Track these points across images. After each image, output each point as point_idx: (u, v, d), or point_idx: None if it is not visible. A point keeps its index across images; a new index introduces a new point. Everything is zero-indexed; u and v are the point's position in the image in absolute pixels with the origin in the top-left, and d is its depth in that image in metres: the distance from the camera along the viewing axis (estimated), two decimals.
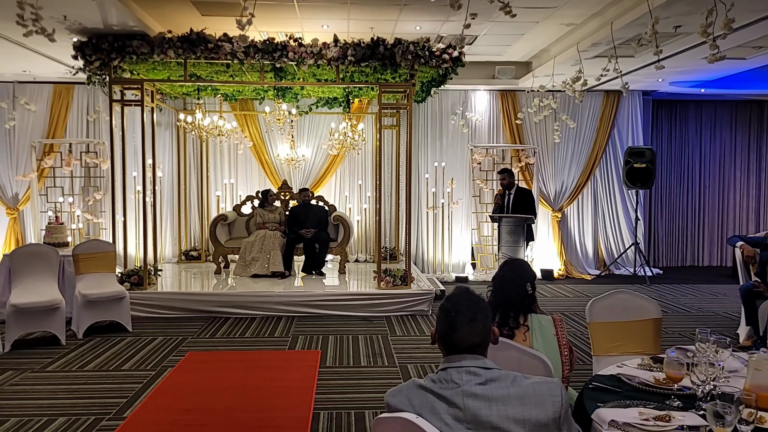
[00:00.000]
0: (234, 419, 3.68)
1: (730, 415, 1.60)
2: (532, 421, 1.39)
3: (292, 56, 6.37)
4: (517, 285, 2.39)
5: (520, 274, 2.40)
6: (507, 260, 2.62)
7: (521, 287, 2.39)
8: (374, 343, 5.48)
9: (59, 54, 6.98)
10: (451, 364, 1.50)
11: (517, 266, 2.46)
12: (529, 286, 2.35)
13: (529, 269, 2.49)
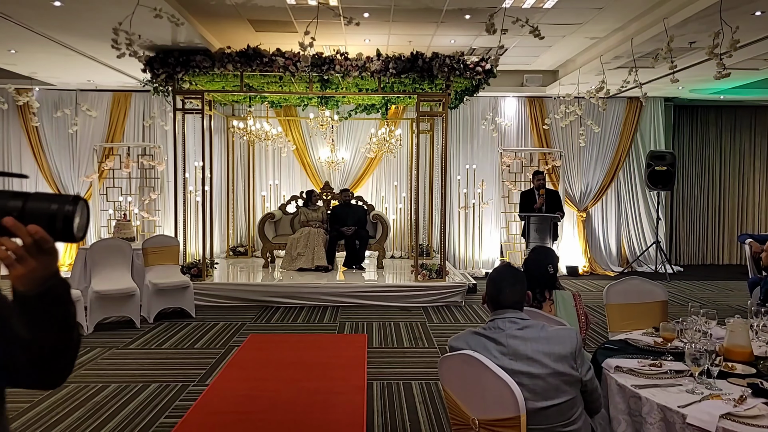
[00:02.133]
0: (301, 387, 4.33)
1: (702, 359, 2.17)
2: (555, 354, 1.99)
3: (339, 69, 7.03)
4: (541, 266, 2.97)
5: (543, 257, 2.99)
6: (534, 247, 3.20)
7: (543, 268, 2.97)
8: (414, 329, 6.10)
9: (125, 66, 7.76)
10: (498, 316, 2.12)
11: (541, 251, 3.05)
12: (550, 268, 2.93)
13: (551, 254, 3.06)
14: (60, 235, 0.92)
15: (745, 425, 1.87)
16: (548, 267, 2.92)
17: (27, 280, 0.96)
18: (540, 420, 1.96)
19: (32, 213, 0.91)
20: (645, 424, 2.12)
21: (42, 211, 0.91)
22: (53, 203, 0.91)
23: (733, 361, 2.43)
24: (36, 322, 1.00)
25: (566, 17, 6.40)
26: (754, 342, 2.68)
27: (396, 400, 4.09)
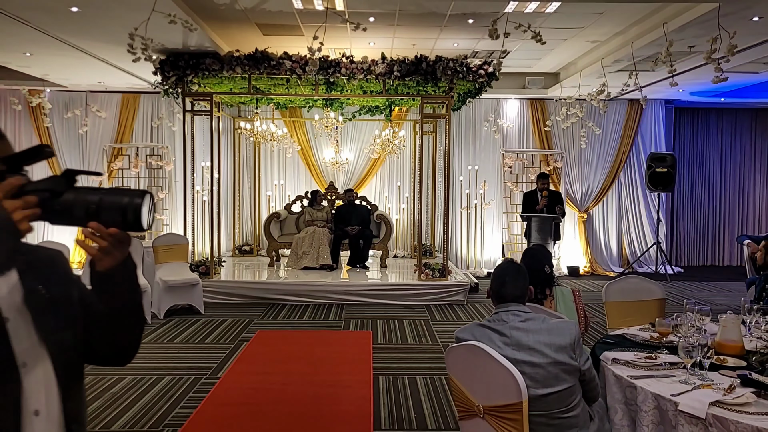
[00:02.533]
0: (309, 380, 4.48)
1: (695, 352, 2.30)
2: (555, 345, 2.12)
3: (344, 72, 7.17)
4: (537, 270, 3.06)
5: (538, 260, 3.09)
6: (526, 249, 3.32)
7: (540, 270, 3.08)
8: (418, 326, 6.24)
9: (136, 69, 7.90)
10: (501, 309, 2.26)
11: (535, 254, 3.15)
12: (547, 268, 3.05)
13: (545, 253, 3.17)
14: (130, 225, 1.06)
15: (733, 412, 2.00)
16: (545, 267, 3.04)
17: (109, 262, 1.13)
18: (541, 406, 2.10)
19: (107, 206, 1.04)
20: (640, 412, 2.26)
21: (115, 205, 1.05)
22: (124, 197, 1.05)
23: (725, 355, 2.56)
24: (112, 294, 1.17)
25: (568, 22, 6.53)
26: (747, 337, 2.82)
27: (401, 394, 4.23)
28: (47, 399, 1.10)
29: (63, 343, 1.14)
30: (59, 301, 1.16)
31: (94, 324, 1.21)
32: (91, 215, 1.05)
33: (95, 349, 1.23)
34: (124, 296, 1.20)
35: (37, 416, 1.08)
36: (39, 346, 1.10)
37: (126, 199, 1.05)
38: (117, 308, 1.19)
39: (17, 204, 0.97)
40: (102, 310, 1.19)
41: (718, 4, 4.88)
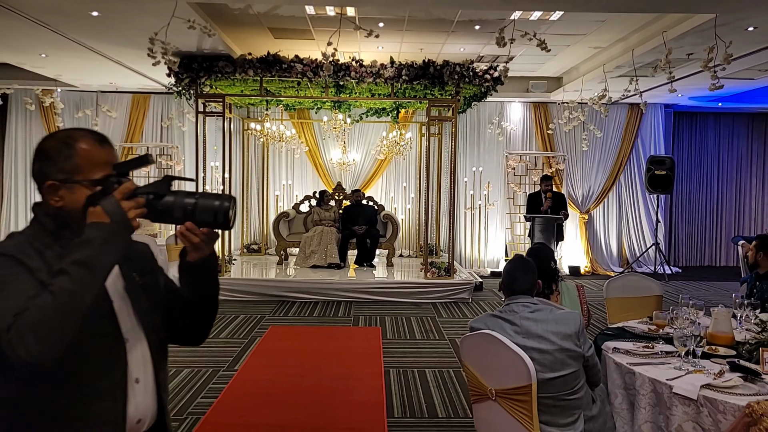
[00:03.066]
0: (323, 373, 4.69)
1: (688, 341, 2.52)
2: (562, 333, 2.33)
3: (354, 75, 7.38)
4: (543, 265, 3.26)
5: (544, 256, 3.29)
6: (529, 249, 3.51)
7: (547, 266, 3.28)
8: (425, 323, 6.45)
9: (148, 70, 8.10)
10: (512, 301, 2.47)
11: (538, 251, 3.34)
12: (552, 263, 3.26)
13: (547, 250, 3.36)
14: (219, 225, 1.27)
15: (722, 393, 2.21)
16: (551, 263, 3.25)
17: (198, 255, 1.34)
18: (548, 389, 2.31)
19: (201, 208, 1.25)
20: (638, 395, 2.47)
21: (208, 207, 1.25)
22: (216, 201, 1.25)
23: (716, 345, 2.78)
24: (197, 283, 1.39)
25: (571, 28, 6.75)
26: (737, 330, 3.03)
27: (412, 385, 4.44)
28: (144, 370, 1.33)
29: (154, 323, 1.38)
30: (150, 288, 1.39)
31: (177, 308, 1.42)
32: (188, 215, 1.25)
33: (177, 329, 1.45)
34: (208, 285, 1.40)
35: (138, 384, 1.31)
36: (137, 326, 1.33)
37: (217, 202, 1.25)
38: (200, 294, 1.40)
39: (131, 204, 1.19)
40: (184, 295, 1.40)
41: (714, 15, 5.09)
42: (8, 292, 1.11)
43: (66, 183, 1.24)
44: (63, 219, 1.26)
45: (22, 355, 1.05)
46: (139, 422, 1.31)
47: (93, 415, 1.23)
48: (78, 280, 1.09)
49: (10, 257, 1.17)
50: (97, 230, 1.14)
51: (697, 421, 2.22)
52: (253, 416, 3.79)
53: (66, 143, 1.26)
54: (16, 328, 1.05)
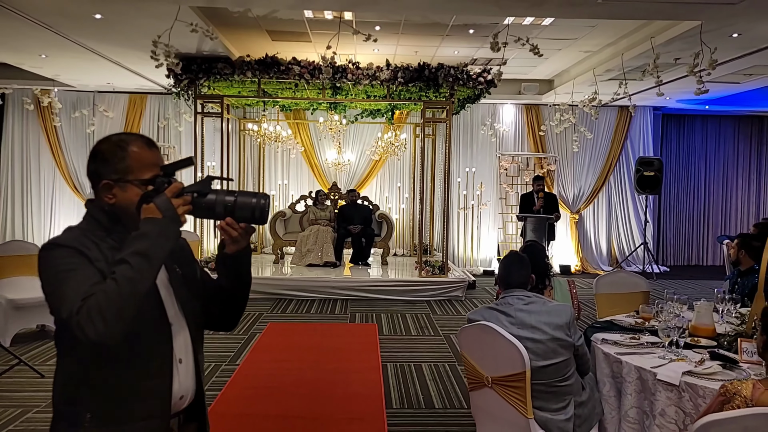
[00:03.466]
0: (322, 367, 4.83)
1: (672, 333, 2.69)
2: (554, 324, 2.49)
3: (351, 77, 7.53)
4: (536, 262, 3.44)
5: (537, 253, 3.46)
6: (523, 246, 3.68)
7: (540, 263, 3.45)
8: (420, 319, 6.61)
9: (147, 71, 8.21)
10: (507, 294, 2.63)
11: (532, 248, 3.51)
12: (545, 260, 3.43)
13: (540, 248, 3.54)
14: (256, 220, 1.41)
15: (702, 379, 2.38)
16: (544, 260, 3.42)
17: (235, 248, 1.49)
18: (540, 376, 2.47)
19: (240, 206, 1.39)
20: (624, 383, 2.64)
21: (246, 205, 1.39)
22: (253, 199, 1.40)
23: (698, 337, 2.95)
24: (234, 273, 1.53)
25: (562, 33, 6.93)
26: (719, 323, 3.21)
27: (409, 378, 4.60)
28: (186, 352, 1.50)
29: (194, 311, 1.54)
30: (189, 279, 1.55)
31: (212, 297, 1.57)
32: (228, 212, 1.40)
33: (212, 317, 1.60)
34: (242, 275, 1.55)
35: (181, 364, 1.48)
36: (179, 313, 1.49)
37: (254, 200, 1.39)
38: (235, 283, 1.55)
39: (180, 202, 1.34)
40: (221, 284, 1.55)
41: (700, 22, 5.28)
42: (75, 280, 1.26)
43: (119, 182, 1.39)
44: (115, 214, 1.41)
45: (91, 334, 1.20)
46: (181, 398, 1.47)
47: (144, 390, 1.39)
48: (137, 269, 1.25)
49: (72, 248, 1.32)
50: (152, 225, 1.29)
51: (679, 405, 2.39)
52: (258, 407, 3.93)
53: (119, 146, 1.41)
54: (85, 311, 1.21)
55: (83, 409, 1.36)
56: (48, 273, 1.31)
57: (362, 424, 3.71)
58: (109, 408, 1.37)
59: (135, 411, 1.38)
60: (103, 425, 1.36)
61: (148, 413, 1.39)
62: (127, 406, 1.37)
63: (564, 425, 2.46)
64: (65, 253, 1.31)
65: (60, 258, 1.31)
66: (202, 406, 1.58)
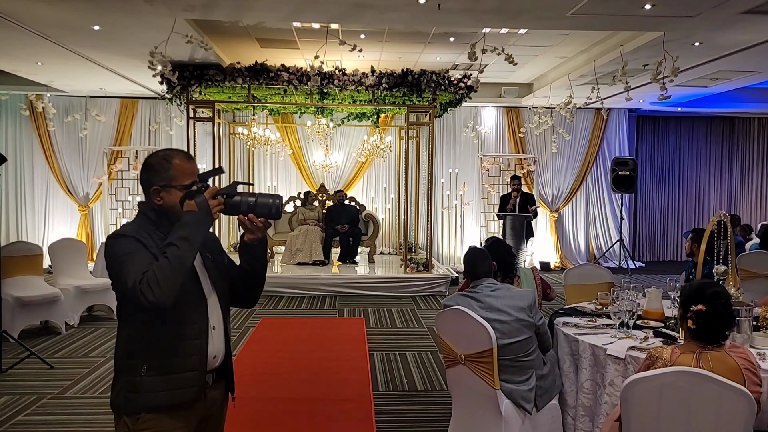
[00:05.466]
0: (314, 356, 5.17)
1: (623, 315, 3.06)
2: (517, 306, 2.85)
3: (337, 83, 7.87)
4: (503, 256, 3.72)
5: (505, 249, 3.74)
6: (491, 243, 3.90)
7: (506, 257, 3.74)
8: (405, 314, 6.96)
9: (140, 78, 8.48)
10: (477, 283, 2.99)
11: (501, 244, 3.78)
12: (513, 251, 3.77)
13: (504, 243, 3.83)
14: (273, 216, 1.76)
15: (644, 352, 2.74)
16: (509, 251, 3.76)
17: (255, 237, 1.83)
18: (506, 352, 2.83)
19: (260, 205, 1.74)
20: (581, 359, 3.01)
21: (265, 204, 1.74)
22: (270, 199, 1.74)
23: (649, 319, 3.33)
24: (253, 258, 1.89)
25: (538, 40, 7.32)
26: (670, 309, 3.58)
27: (395, 366, 4.95)
28: (218, 321, 1.87)
29: (223, 288, 1.92)
30: (219, 263, 1.93)
31: (237, 278, 1.94)
32: (251, 209, 1.75)
33: (238, 295, 1.97)
34: (260, 259, 1.91)
35: (214, 330, 1.85)
36: (212, 289, 1.87)
37: (271, 200, 1.75)
38: (254, 266, 1.91)
39: (214, 202, 1.70)
40: (243, 267, 1.92)
41: (663, 33, 5.69)
42: (136, 260, 1.65)
43: (165, 188, 1.77)
44: (162, 213, 1.79)
45: (150, 298, 1.57)
46: (214, 358, 1.85)
47: (187, 348, 1.76)
48: (182, 249, 1.62)
49: (132, 237, 1.71)
50: (192, 216, 1.67)
51: (625, 376, 2.75)
52: (254, 391, 4.26)
53: (166, 159, 1.79)
54: (145, 281, 1.58)
55: (140, 361, 1.73)
56: (114, 255, 1.68)
57: (351, 404, 4.05)
58: (161, 361, 1.73)
59: (180, 364, 1.75)
60: (155, 374, 1.73)
61: (190, 366, 1.76)
62: (173, 360, 1.74)
63: (526, 395, 2.82)
64: (127, 241, 1.70)
65: (124, 244, 1.69)
66: (229, 366, 1.96)
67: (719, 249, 3.57)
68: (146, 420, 1.73)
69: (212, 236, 1.98)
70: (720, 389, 1.98)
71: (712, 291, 2.25)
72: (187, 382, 1.75)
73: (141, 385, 1.72)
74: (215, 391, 1.91)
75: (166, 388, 1.73)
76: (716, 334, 2.21)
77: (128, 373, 1.74)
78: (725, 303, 2.22)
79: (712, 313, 2.19)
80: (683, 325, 2.32)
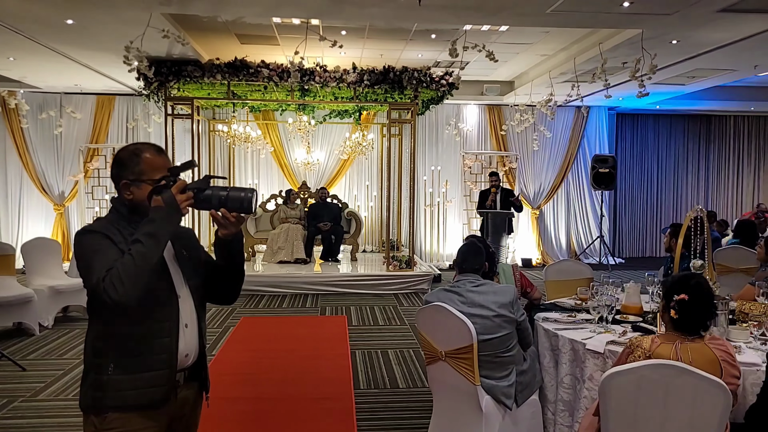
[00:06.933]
0: (295, 355, 5.12)
1: (602, 310, 3.07)
2: (499, 302, 2.84)
3: (318, 80, 7.81)
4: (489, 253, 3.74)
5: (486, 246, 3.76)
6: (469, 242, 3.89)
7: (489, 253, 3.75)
8: (387, 311, 6.94)
9: (116, 74, 8.32)
10: (461, 278, 2.97)
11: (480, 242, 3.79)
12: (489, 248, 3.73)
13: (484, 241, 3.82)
14: (245, 210, 1.70)
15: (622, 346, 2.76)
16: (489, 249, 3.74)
17: (228, 233, 1.77)
18: (487, 348, 2.81)
19: (232, 198, 1.68)
20: (560, 354, 3.01)
21: (236, 197, 1.68)
22: (242, 193, 1.69)
23: (628, 314, 3.35)
24: (229, 253, 1.83)
25: (518, 38, 7.33)
26: (649, 303, 3.61)
27: (376, 363, 4.92)
28: (191, 318, 1.82)
29: (197, 284, 1.86)
30: (194, 260, 1.87)
31: (214, 274, 1.88)
32: (222, 204, 1.69)
33: (215, 291, 1.91)
34: (235, 255, 1.85)
35: (186, 328, 1.80)
36: (184, 286, 1.81)
37: (243, 194, 1.69)
38: (229, 262, 1.85)
39: (183, 197, 1.65)
40: (218, 263, 1.86)
41: (641, 30, 5.74)
42: (102, 256, 1.60)
43: (135, 182, 1.73)
44: (133, 208, 1.74)
45: (114, 296, 1.53)
46: (186, 356, 1.80)
47: (155, 346, 1.71)
48: (147, 245, 1.58)
49: (100, 233, 1.67)
50: (159, 212, 1.62)
51: (604, 369, 2.75)
52: (233, 391, 4.19)
53: (135, 153, 1.74)
54: (108, 279, 1.54)
55: (107, 360, 1.68)
56: (81, 252, 1.64)
57: (332, 403, 4.01)
58: (128, 360, 1.68)
59: (148, 363, 1.70)
60: (123, 373, 1.68)
61: (158, 365, 1.71)
62: (141, 358, 1.69)
63: (507, 390, 2.81)
64: (94, 237, 1.66)
65: (92, 240, 1.65)
66: (203, 365, 1.90)
67: (696, 244, 3.60)
68: (113, 419, 1.69)
69: (188, 231, 1.95)
70: (696, 381, 1.99)
71: (695, 281, 2.29)
72: (155, 381, 1.71)
73: (108, 384, 1.68)
74: (188, 391, 1.86)
75: (133, 387, 1.68)
76: (697, 325, 2.24)
77: (95, 371, 1.70)
78: (707, 294, 2.26)
79: (695, 302, 2.22)
80: (665, 317, 2.33)
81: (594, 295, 3.44)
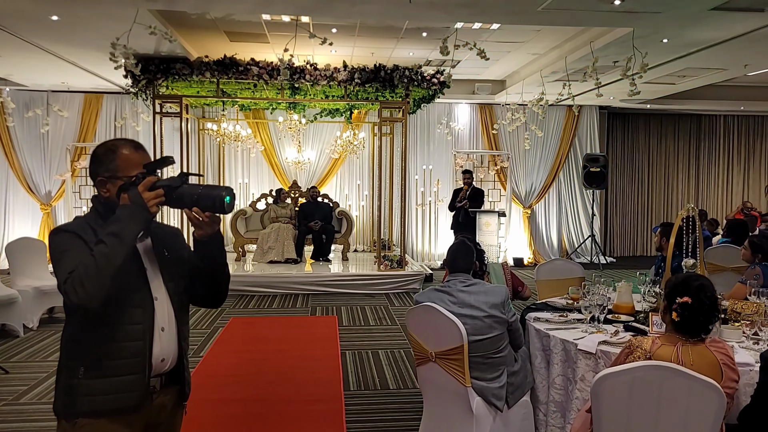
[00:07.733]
0: (284, 356, 5.05)
1: (594, 310, 3.04)
2: (490, 302, 2.80)
3: (309, 78, 7.74)
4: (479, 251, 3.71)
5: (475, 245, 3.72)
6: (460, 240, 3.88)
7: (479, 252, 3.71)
8: (378, 311, 6.89)
9: (104, 71, 8.21)
10: (452, 277, 2.92)
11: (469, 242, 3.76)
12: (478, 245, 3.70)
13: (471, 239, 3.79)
14: (218, 209, 1.63)
15: (614, 347, 2.72)
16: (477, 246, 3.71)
17: (204, 233, 1.70)
18: (478, 348, 2.77)
19: (204, 197, 1.61)
20: (552, 354, 2.97)
21: (210, 196, 1.61)
22: (215, 191, 1.62)
23: (619, 313, 3.32)
24: (207, 255, 1.75)
25: (510, 36, 7.31)
26: (640, 303, 3.58)
27: (366, 364, 4.87)
28: (168, 322, 1.74)
29: (177, 287, 1.78)
30: (176, 261, 1.79)
31: (195, 276, 1.80)
32: (194, 202, 1.62)
33: (197, 292, 1.83)
34: (213, 256, 1.77)
35: (163, 331, 1.72)
36: (163, 288, 1.74)
37: (216, 192, 1.62)
38: (209, 264, 1.77)
39: (151, 195, 1.57)
40: (198, 265, 1.78)
41: (632, 29, 5.72)
42: (68, 258, 1.54)
43: (111, 179, 1.67)
44: (110, 205, 1.67)
45: (74, 299, 1.48)
46: (162, 361, 1.72)
47: (128, 349, 1.64)
48: (111, 246, 1.51)
49: (72, 233, 1.61)
50: (124, 210, 1.56)
51: (596, 370, 2.72)
52: (222, 392, 4.13)
53: (111, 150, 1.68)
54: (70, 281, 1.49)
55: (78, 363, 1.62)
56: (53, 252, 1.59)
57: (321, 404, 3.96)
58: (98, 363, 1.62)
59: (119, 366, 1.63)
60: (93, 377, 1.62)
61: (130, 369, 1.64)
62: (112, 362, 1.62)
63: (498, 392, 2.77)
64: (66, 236, 1.60)
65: (61, 240, 1.60)
66: (182, 371, 1.81)
67: (687, 243, 3.57)
68: (84, 425, 1.63)
69: (173, 230, 1.88)
70: (690, 383, 1.95)
71: (698, 284, 2.22)
72: (127, 386, 1.64)
73: (78, 388, 1.62)
74: (165, 397, 1.78)
75: (104, 392, 1.62)
76: (699, 328, 2.19)
77: (67, 374, 1.64)
78: (710, 296, 2.20)
79: (698, 305, 2.17)
80: (666, 318, 2.28)
81: (585, 295, 3.41)
